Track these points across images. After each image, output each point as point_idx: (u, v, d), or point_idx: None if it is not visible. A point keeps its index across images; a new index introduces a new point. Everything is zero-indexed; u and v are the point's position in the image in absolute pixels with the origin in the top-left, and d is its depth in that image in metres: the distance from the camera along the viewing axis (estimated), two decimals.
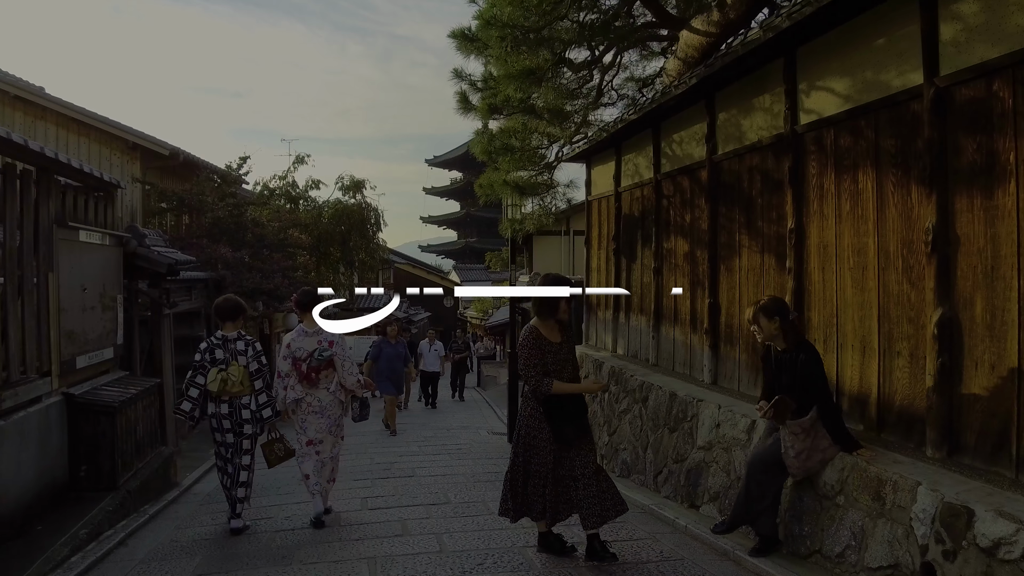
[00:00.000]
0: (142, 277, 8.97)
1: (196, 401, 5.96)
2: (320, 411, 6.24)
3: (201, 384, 5.94)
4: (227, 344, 6.06)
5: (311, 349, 6.21)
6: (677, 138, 8.24)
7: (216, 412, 5.97)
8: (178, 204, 15.40)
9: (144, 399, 7.80)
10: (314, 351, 6.20)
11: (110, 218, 8.08)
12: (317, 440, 6.25)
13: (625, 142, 9.69)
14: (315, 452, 6.24)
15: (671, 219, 8.40)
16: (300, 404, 6.22)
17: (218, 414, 5.97)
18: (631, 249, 9.59)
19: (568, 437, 4.96)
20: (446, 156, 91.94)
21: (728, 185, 7.12)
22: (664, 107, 7.88)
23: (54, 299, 6.46)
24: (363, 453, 10.33)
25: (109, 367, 7.98)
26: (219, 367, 5.93)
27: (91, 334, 7.32)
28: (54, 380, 6.51)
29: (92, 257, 7.42)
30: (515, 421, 11.38)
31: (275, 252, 15.45)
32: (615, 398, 8.66)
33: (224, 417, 5.97)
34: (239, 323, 6.26)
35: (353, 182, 21.96)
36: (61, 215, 6.71)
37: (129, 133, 15.55)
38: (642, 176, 9.23)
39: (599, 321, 10.86)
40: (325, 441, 6.29)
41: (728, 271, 7.11)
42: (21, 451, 5.76)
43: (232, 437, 6.03)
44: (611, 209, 10.26)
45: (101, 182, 7.73)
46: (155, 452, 8.12)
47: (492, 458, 9.67)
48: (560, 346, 5.01)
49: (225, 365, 5.96)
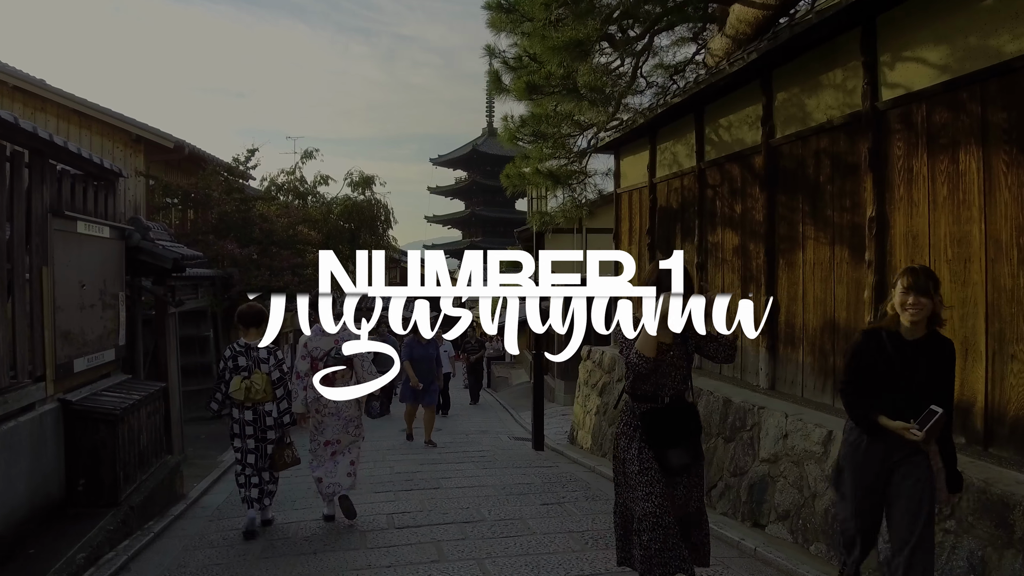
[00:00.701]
0: (146, 273, 8.35)
1: (222, 403, 6.13)
2: (336, 412, 6.26)
3: (225, 391, 6.05)
4: (249, 352, 6.10)
5: (328, 348, 6.23)
6: (725, 122, 7.61)
7: (240, 419, 6.06)
8: (183, 199, 14.78)
9: (148, 405, 7.18)
10: (331, 350, 6.22)
11: (111, 209, 7.46)
12: (334, 440, 6.28)
13: (661, 129, 9.06)
14: (331, 453, 6.27)
15: (717, 210, 7.77)
16: (317, 405, 6.23)
17: (242, 420, 6.06)
18: (668, 244, 8.96)
19: (677, 464, 3.86)
20: (450, 155, 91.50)
21: (789, 171, 6.49)
22: (711, 89, 7.25)
23: (48, 296, 5.84)
24: (381, 461, 9.70)
25: (110, 370, 7.37)
26: (242, 375, 6.00)
27: (90, 335, 6.70)
28: (49, 385, 5.89)
29: (91, 251, 6.80)
30: (541, 427, 10.83)
31: (284, 249, 14.82)
32: None
33: (248, 424, 6.06)
34: (262, 330, 6.24)
35: (362, 178, 21.31)
36: (57, 204, 6.10)
37: (132, 125, 14.94)
38: (681, 165, 8.60)
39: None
40: (342, 441, 6.31)
41: (789, 266, 6.47)
42: (11, 465, 5.14)
43: (253, 443, 6.09)
44: (644, 201, 9.63)
45: (101, 169, 7.11)
46: (160, 462, 7.50)
47: (520, 467, 9.04)
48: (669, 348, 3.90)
49: (248, 373, 6.01)
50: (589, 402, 10.39)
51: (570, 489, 7.58)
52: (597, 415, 9.97)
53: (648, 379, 3.93)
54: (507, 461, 9.50)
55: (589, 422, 10.31)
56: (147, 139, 15.01)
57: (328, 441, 6.27)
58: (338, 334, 6.30)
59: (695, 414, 4.11)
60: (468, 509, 6.66)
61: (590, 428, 10.23)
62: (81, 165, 6.75)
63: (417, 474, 8.58)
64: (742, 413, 6.29)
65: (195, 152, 15.52)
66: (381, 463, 9.60)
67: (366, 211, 20.62)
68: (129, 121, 14.95)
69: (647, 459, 3.88)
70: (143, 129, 14.92)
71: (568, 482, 7.97)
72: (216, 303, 13.29)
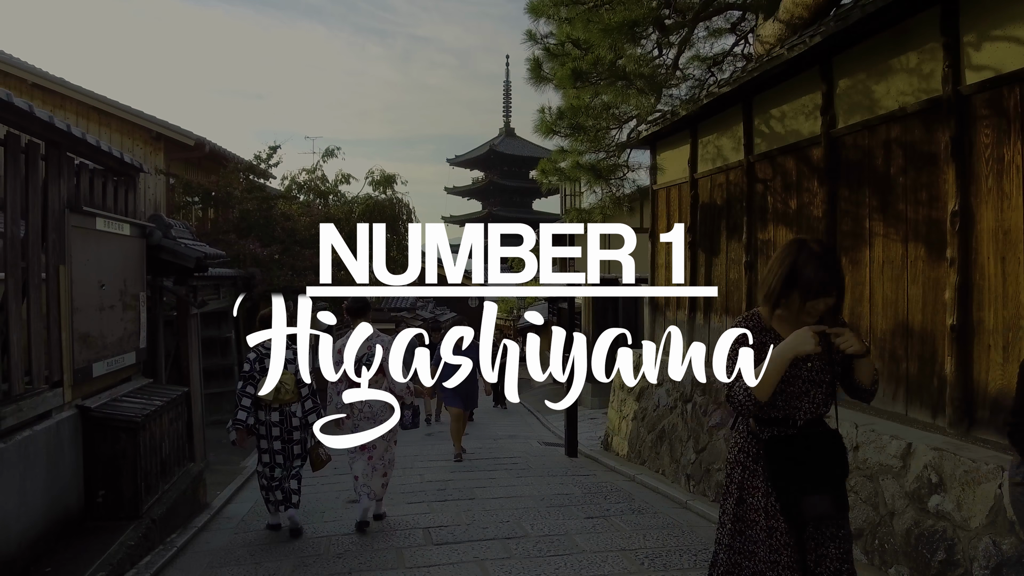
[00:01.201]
0: (167, 273, 8.01)
1: (249, 410, 6.10)
2: (372, 416, 6.27)
3: (252, 394, 6.09)
4: None
5: (362, 355, 6.30)
6: (777, 113, 7.18)
7: (267, 420, 6.12)
8: (204, 197, 14.48)
9: (171, 411, 6.83)
10: (363, 356, 6.29)
11: (131, 206, 7.13)
12: (370, 445, 6.30)
13: (703, 122, 8.63)
14: (367, 457, 6.29)
15: (768, 206, 7.34)
16: (352, 409, 6.27)
17: (268, 422, 6.12)
18: (712, 242, 8.53)
19: (813, 515, 2.89)
20: (467, 156, 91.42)
21: (853, 163, 6.05)
22: (765, 77, 6.82)
23: (65, 297, 5.50)
24: (409, 468, 9.33)
25: (131, 374, 7.03)
26: None
27: (110, 337, 6.36)
28: (66, 391, 5.54)
29: (111, 249, 6.46)
30: (575, 433, 10.43)
31: (306, 248, 14.48)
32: (702, 409, 7.61)
33: (274, 425, 6.13)
34: None
35: (384, 177, 20.94)
36: (75, 199, 5.76)
37: (152, 122, 14.68)
38: (727, 159, 8.16)
39: (668, 321, 9.80)
40: (378, 446, 6.32)
41: (853, 264, 6.03)
42: (26, 478, 4.80)
43: (280, 444, 6.15)
44: (685, 198, 9.20)
45: (121, 163, 6.78)
46: (182, 471, 7.16)
47: (556, 475, 8.64)
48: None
49: None
50: (625, 407, 9.97)
51: (613, 501, 7.18)
52: (635, 421, 9.56)
53: (777, 397, 2.96)
54: (541, 469, 9.10)
55: (625, 428, 9.90)
56: (167, 137, 14.75)
57: (364, 446, 6.30)
58: (370, 340, 6.37)
59: (840, 446, 3.03)
60: (508, 523, 6.27)
61: (627, 434, 9.82)
62: (100, 159, 6.42)
63: (449, 483, 8.20)
64: None
65: (216, 150, 15.23)
66: (410, 470, 9.23)
67: (387, 210, 20.25)
68: (149, 118, 14.69)
69: (774, 509, 2.92)
70: (163, 127, 14.65)
71: (609, 493, 7.57)
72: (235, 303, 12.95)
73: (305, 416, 6.21)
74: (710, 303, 8.55)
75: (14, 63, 14.26)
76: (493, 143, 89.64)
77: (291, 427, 6.16)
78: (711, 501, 7.00)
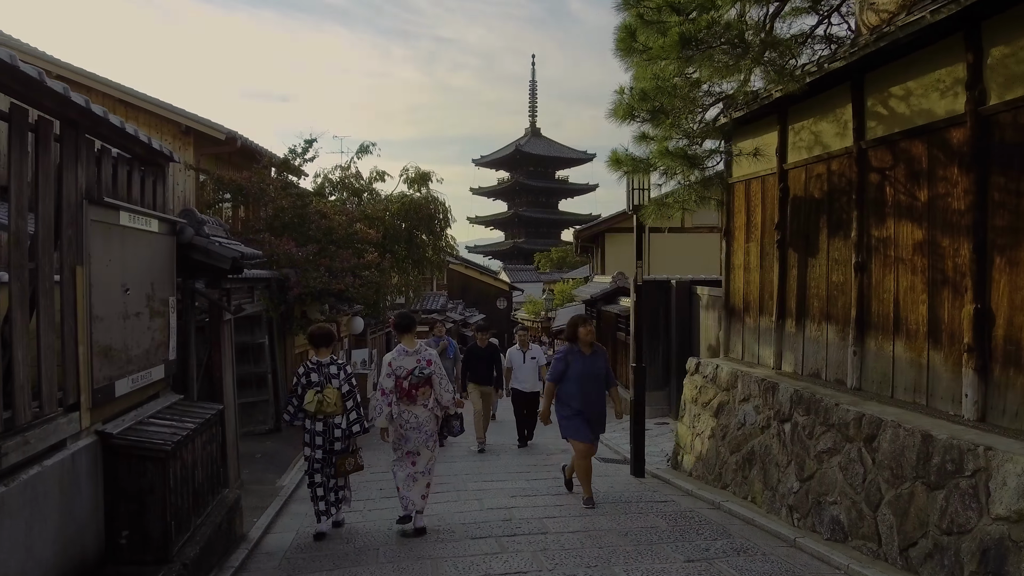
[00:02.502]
0: (199, 274, 7.18)
1: (294, 414, 6.78)
2: (418, 427, 6.69)
3: (297, 406, 6.72)
4: (321, 368, 6.77)
5: (411, 367, 6.70)
6: (899, 91, 6.21)
7: (312, 429, 6.70)
8: (235, 194, 13.68)
9: (204, 433, 5.98)
10: (414, 369, 6.69)
11: (160, 199, 6.29)
12: (415, 452, 6.72)
13: (795, 106, 7.67)
14: (411, 463, 6.71)
15: (887, 198, 6.36)
16: (400, 419, 6.66)
17: (313, 431, 6.70)
18: (807, 240, 7.57)
19: None
20: (493, 156, 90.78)
21: (1011, 146, 5.08)
22: (889, 49, 5.86)
23: (83, 303, 4.65)
24: (463, 490, 8.44)
25: (159, 389, 6.19)
26: (315, 389, 6.64)
27: (135, 349, 5.52)
28: (84, 416, 4.69)
29: (137, 247, 5.62)
30: (642, 451, 9.48)
31: (342, 248, 13.64)
32: (807, 431, 6.64)
33: (318, 434, 6.69)
34: (332, 348, 7.03)
35: (419, 174, 20.11)
36: (95, 189, 4.91)
37: (182, 116, 13.92)
38: (828, 146, 7.20)
39: (747, 329, 8.85)
40: (422, 454, 6.73)
41: (1011, 266, 5.06)
42: (33, 525, 3.95)
43: (322, 453, 6.69)
44: (771, 191, 8.24)
45: (149, 150, 5.94)
46: (217, 500, 6.30)
47: (630, 501, 7.71)
48: None
49: (320, 388, 6.65)
50: (700, 423, 9.02)
51: (707, 537, 6.25)
52: (712, 439, 8.60)
53: None
54: (611, 493, 8.16)
55: (700, 446, 8.94)
56: (197, 131, 13.97)
57: (409, 451, 6.72)
58: (420, 354, 6.80)
59: None
60: (599, 567, 5.37)
61: (701, 453, 8.86)
62: (125, 144, 5.58)
63: (514, 511, 7.30)
64: (955, 454, 4.89)
65: (248, 145, 14.45)
66: (464, 492, 8.34)
67: (423, 209, 19.39)
68: (179, 111, 13.93)
69: None
70: (193, 120, 13.88)
71: (699, 526, 6.64)
72: (272, 307, 12.13)
73: (349, 427, 6.75)
74: (805, 309, 7.58)
75: (39, 55, 13.56)
76: (519, 143, 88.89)
77: (332, 438, 6.71)
78: (825, 540, 6.04)
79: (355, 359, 18.02)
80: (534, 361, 12.12)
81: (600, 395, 7.82)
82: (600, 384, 7.79)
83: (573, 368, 7.66)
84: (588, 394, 7.66)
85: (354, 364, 17.92)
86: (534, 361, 12.12)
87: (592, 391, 7.70)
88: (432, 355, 6.89)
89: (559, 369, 7.75)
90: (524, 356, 12.19)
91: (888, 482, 5.49)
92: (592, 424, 7.71)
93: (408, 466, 6.69)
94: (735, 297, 9.20)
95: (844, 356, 6.88)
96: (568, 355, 7.79)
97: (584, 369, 7.66)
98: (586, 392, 7.65)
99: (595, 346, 7.88)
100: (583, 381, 7.64)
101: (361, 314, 17.34)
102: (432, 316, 33.23)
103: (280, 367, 12.60)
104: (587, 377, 7.66)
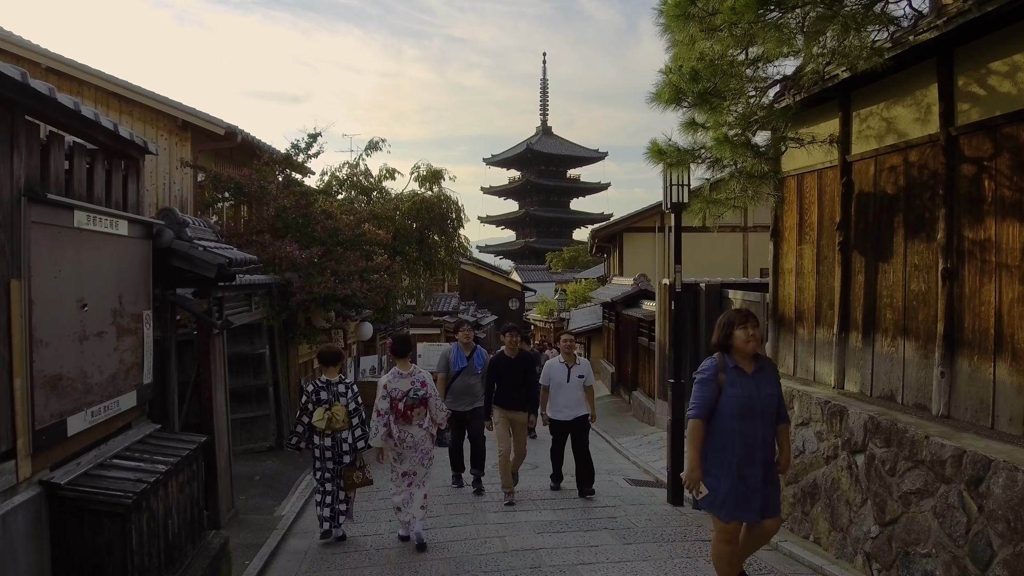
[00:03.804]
0: (183, 283, 6.28)
1: (302, 436, 7.04)
2: (414, 446, 6.90)
3: (307, 423, 6.97)
4: (330, 387, 7.03)
5: (406, 389, 6.88)
6: (1000, 66, 5.24)
7: (320, 444, 7.00)
8: (235, 192, 12.78)
9: (181, 473, 5.08)
10: (408, 391, 6.87)
11: (133, 198, 5.39)
12: (411, 471, 6.94)
13: (861, 88, 6.71)
14: (408, 484, 6.92)
15: (986, 194, 5.39)
16: (397, 438, 6.83)
17: (322, 446, 7.00)
18: (877, 242, 6.61)
19: None
20: (504, 155, 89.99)
21: None
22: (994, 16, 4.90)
23: (20, 324, 3.75)
24: (483, 524, 7.52)
25: (131, 419, 5.29)
26: (324, 407, 6.91)
27: (96, 376, 4.62)
28: (22, 464, 3.79)
29: (100, 254, 4.72)
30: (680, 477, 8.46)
31: (350, 251, 12.73)
32: (887, 467, 5.68)
33: (327, 449, 7.00)
34: (339, 367, 7.26)
35: (430, 172, 19.24)
36: (38, 183, 4.01)
37: (178, 109, 13.01)
38: (906, 134, 6.24)
39: (800, 341, 7.89)
40: (418, 473, 6.96)
41: None
42: None
43: (332, 464, 7.02)
44: (831, 186, 7.29)
45: (116, 139, 5.04)
46: (198, 549, 5.39)
47: (674, 540, 6.76)
48: None
49: (329, 405, 6.92)
50: None
51: None
52: None
53: None
54: (649, 528, 7.22)
55: None
56: (195, 125, 13.07)
57: (406, 472, 6.95)
58: (414, 376, 6.98)
59: None
60: None
61: None
62: (84, 131, 4.68)
63: (542, 552, 6.39)
64: None
65: (248, 140, 13.54)
66: (483, 527, 7.41)
67: (435, 208, 18.51)
68: (175, 105, 13.03)
69: None
70: (190, 114, 12.98)
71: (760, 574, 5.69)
72: (273, 315, 11.23)
73: (355, 442, 7.05)
74: (875, 321, 6.62)
75: (25, 44, 12.73)
76: (530, 142, 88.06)
77: (341, 452, 7.05)
78: None
79: (363, 366, 17.15)
80: (581, 380, 8.88)
81: (771, 438, 5.00)
82: (771, 420, 4.99)
83: (730, 394, 4.85)
84: (753, 437, 4.84)
85: (363, 372, 17.05)
86: (581, 380, 8.88)
87: (760, 432, 4.87)
88: (425, 376, 7.07)
89: (708, 397, 4.88)
90: (569, 373, 8.81)
91: (1003, 536, 4.53)
92: (765, 488, 4.87)
93: (405, 488, 6.92)
94: (785, 305, 8.23)
95: (927, 377, 5.92)
96: (720, 372, 4.92)
97: (747, 395, 4.85)
98: (750, 434, 4.83)
99: (760, 359, 5.07)
100: (745, 415, 4.83)
101: (370, 319, 16.44)
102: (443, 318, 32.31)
103: (282, 379, 11.69)
104: (752, 407, 4.86)
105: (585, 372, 8.94)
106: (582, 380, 8.87)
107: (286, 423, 11.54)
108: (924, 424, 5.59)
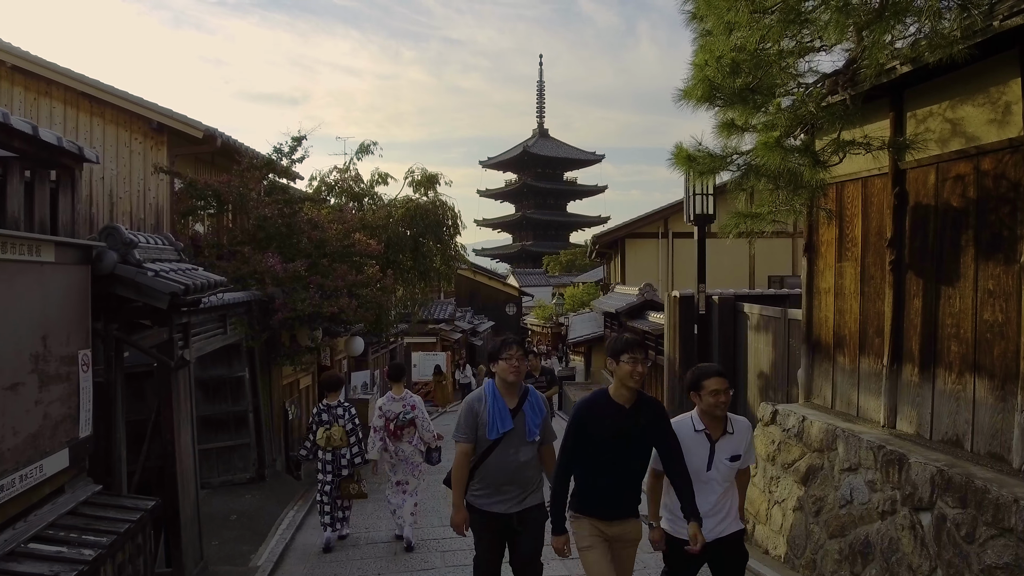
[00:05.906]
0: (134, 314, 5.37)
1: (311, 449, 8.19)
2: (404, 459, 8.00)
3: (313, 440, 8.08)
4: (330, 410, 8.09)
5: (397, 412, 7.87)
6: None
7: (323, 459, 8.07)
8: (215, 199, 11.84)
9: (122, 550, 4.17)
10: (399, 413, 7.87)
11: (65, 216, 4.48)
12: (404, 481, 8.05)
13: (917, 86, 5.86)
14: (402, 491, 8.06)
15: None
16: (392, 453, 7.99)
17: (323, 460, 8.07)
18: (939, 262, 5.74)
19: None
20: (500, 157, 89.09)
21: None
22: None
23: None
24: None
25: (63, 482, 4.39)
26: (324, 427, 7.99)
27: (10, 438, 3.72)
28: None
29: (12, 287, 3.82)
30: None
31: (338, 262, 11.80)
32: (963, 532, 4.80)
33: (328, 463, 8.06)
34: (339, 393, 8.28)
35: (425, 176, 18.30)
36: None
37: (153, 111, 12.01)
38: (977, 138, 5.36)
39: (840, 370, 7.02)
40: (410, 482, 8.07)
41: None
42: None
43: (331, 477, 8.06)
44: (880, 197, 6.43)
45: (40, 146, 4.13)
46: None
47: None
48: None
49: (329, 426, 7.99)
50: (780, 488, 7.18)
51: None
52: (799, 512, 6.77)
53: None
54: None
55: (781, 519, 7.11)
56: (171, 128, 12.08)
57: (399, 481, 8.05)
58: (405, 400, 7.95)
59: None
60: None
61: (784, 528, 7.03)
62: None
63: None
64: None
65: (229, 144, 12.58)
66: None
67: (430, 214, 17.59)
68: (149, 106, 12.04)
69: None
70: (166, 115, 12.00)
71: None
72: (253, 335, 10.31)
73: (352, 458, 8.08)
74: (936, 353, 5.74)
75: None
76: (527, 144, 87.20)
77: (339, 466, 8.06)
78: None
79: (355, 382, 16.23)
80: (734, 465, 4.62)
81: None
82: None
83: None
84: None
85: (354, 388, 16.14)
86: (734, 465, 4.62)
87: None
88: (416, 400, 8.02)
89: None
90: (712, 452, 4.55)
91: None
92: None
93: (399, 493, 8.07)
94: (821, 329, 7.36)
95: (1005, 423, 5.04)
96: None
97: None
98: None
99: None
100: None
101: (362, 332, 15.52)
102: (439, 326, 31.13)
103: (264, 403, 10.74)
104: None
105: (743, 448, 4.66)
106: (736, 464, 4.64)
107: (267, 451, 10.63)
108: (1007, 482, 4.71)
